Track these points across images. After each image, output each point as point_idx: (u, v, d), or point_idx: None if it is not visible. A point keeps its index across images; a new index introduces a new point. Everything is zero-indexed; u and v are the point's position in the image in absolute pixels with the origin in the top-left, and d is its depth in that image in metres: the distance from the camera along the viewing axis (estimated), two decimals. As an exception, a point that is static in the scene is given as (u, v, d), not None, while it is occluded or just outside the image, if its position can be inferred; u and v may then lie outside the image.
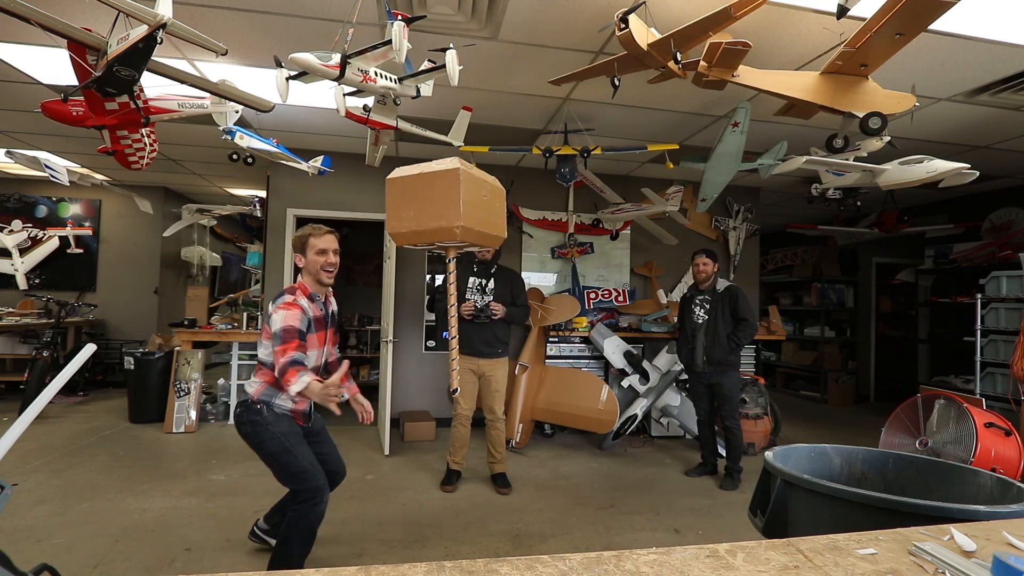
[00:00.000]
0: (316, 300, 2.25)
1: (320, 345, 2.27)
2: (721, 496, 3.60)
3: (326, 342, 2.32)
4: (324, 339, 2.30)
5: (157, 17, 2.02)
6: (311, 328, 2.18)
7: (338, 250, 2.29)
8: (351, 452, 4.30)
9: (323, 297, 2.32)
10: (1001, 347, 4.65)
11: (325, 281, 2.26)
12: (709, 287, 3.90)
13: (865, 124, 2.81)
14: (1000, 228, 5.80)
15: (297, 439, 2.21)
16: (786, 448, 1.82)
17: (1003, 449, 3.22)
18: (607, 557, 0.89)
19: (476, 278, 3.64)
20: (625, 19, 2.30)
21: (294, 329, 2.09)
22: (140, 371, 4.96)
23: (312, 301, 2.22)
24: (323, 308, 2.30)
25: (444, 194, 1.77)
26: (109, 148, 3.34)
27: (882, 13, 2.21)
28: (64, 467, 3.71)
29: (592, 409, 4.41)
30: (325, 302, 2.33)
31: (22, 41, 3.05)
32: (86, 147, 5.02)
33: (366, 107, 3.13)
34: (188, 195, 7.56)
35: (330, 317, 2.36)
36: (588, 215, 5.50)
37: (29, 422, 1.00)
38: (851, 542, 0.98)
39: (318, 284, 2.26)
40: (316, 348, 2.24)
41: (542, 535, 2.92)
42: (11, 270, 6.27)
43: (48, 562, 0.89)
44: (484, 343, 3.53)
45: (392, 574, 0.81)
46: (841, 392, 7.12)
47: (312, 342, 2.21)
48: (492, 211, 1.88)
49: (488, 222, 1.86)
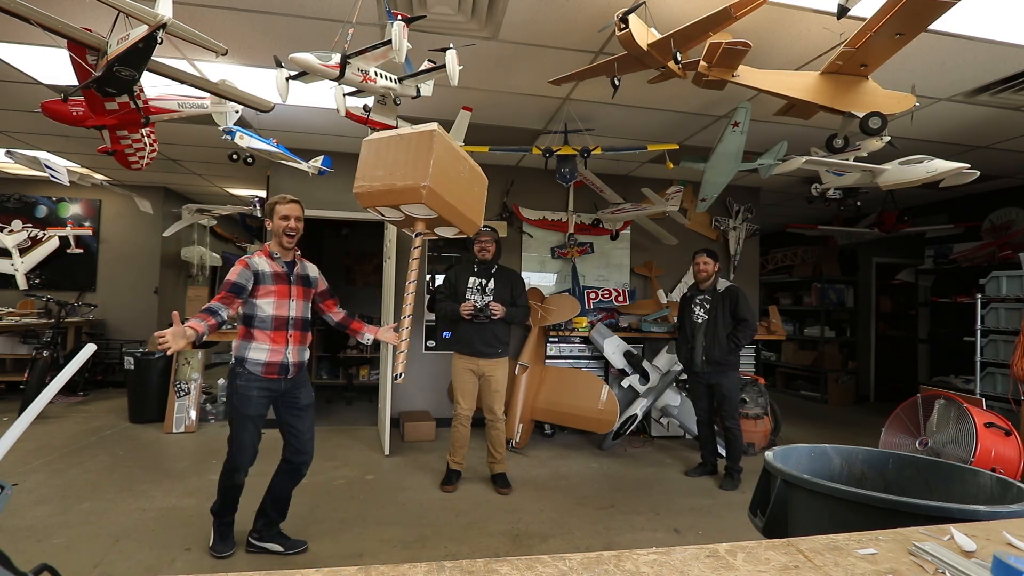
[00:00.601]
0: (276, 259, 2.52)
1: (282, 297, 2.49)
2: (721, 496, 3.60)
3: (291, 296, 2.52)
4: (288, 293, 2.51)
5: (157, 17, 2.02)
6: (261, 281, 2.45)
7: (300, 218, 2.54)
8: (351, 452, 4.30)
9: (289, 258, 2.56)
10: (1001, 347, 4.65)
11: (286, 244, 2.52)
12: (710, 287, 3.90)
13: (865, 124, 2.81)
14: (1000, 228, 5.80)
15: (256, 411, 2.47)
16: (786, 448, 1.82)
17: (1003, 449, 3.22)
18: (607, 557, 0.89)
19: (476, 278, 3.63)
20: (625, 19, 2.30)
21: (228, 282, 2.40)
22: (140, 371, 4.96)
23: (272, 259, 2.51)
24: (285, 267, 2.53)
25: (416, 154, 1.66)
26: (109, 148, 3.34)
27: (882, 13, 2.21)
28: (64, 467, 3.71)
29: (592, 409, 4.41)
30: (292, 263, 2.57)
31: (22, 41, 3.05)
32: (86, 147, 5.02)
33: (366, 107, 3.13)
34: (188, 195, 7.56)
35: (297, 277, 2.57)
36: (588, 215, 5.50)
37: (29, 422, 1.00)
38: (851, 542, 0.98)
39: (281, 247, 2.53)
40: (272, 298, 2.46)
41: (542, 535, 2.92)
42: (11, 270, 6.27)
43: (48, 562, 0.89)
44: (484, 343, 3.52)
45: (392, 574, 0.81)
46: (841, 392, 7.12)
47: (266, 293, 2.46)
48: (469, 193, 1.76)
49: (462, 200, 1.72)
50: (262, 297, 2.46)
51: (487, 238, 3.63)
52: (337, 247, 7.77)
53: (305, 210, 2.62)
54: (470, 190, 1.75)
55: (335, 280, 7.45)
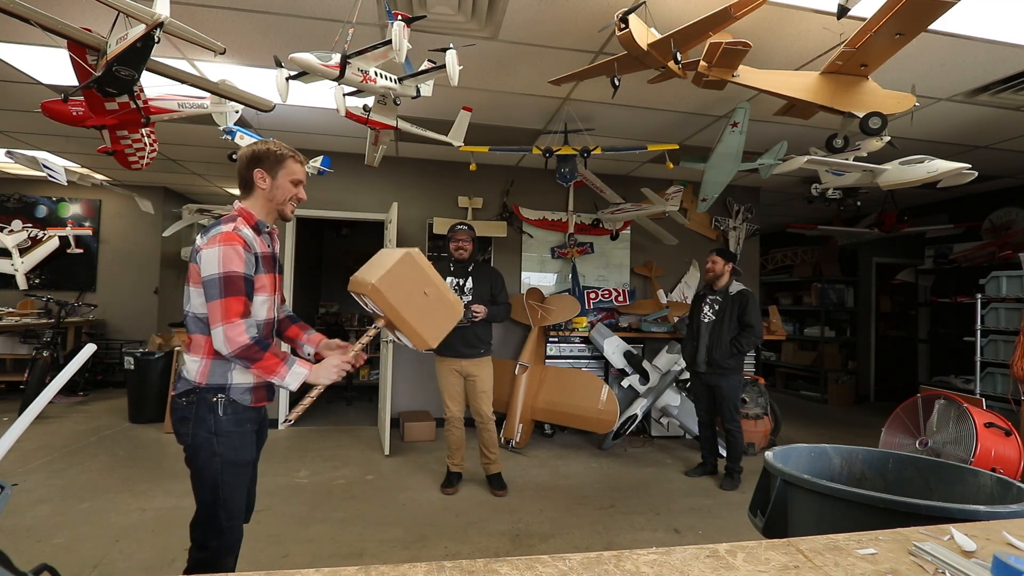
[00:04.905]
0: (263, 231, 1.74)
1: (272, 291, 1.78)
2: (721, 496, 3.60)
3: (276, 289, 1.82)
4: (274, 284, 1.79)
5: (155, 16, 2.02)
6: (259, 268, 1.69)
7: None
8: (351, 452, 4.30)
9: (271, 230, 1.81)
10: (1001, 347, 4.64)
11: (288, 216, 1.82)
12: (722, 288, 3.85)
13: (865, 124, 2.81)
14: (1000, 228, 5.80)
15: (252, 455, 1.77)
16: (786, 448, 1.82)
17: (1003, 449, 3.22)
18: (607, 557, 0.89)
19: (453, 278, 3.53)
20: (625, 19, 2.30)
21: (238, 277, 1.58)
22: (140, 371, 4.96)
23: (258, 233, 1.71)
24: (270, 245, 1.80)
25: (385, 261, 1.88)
26: (109, 148, 3.33)
27: (882, 13, 2.21)
28: (64, 467, 3.71)
29: (592, 409, 4.41)
30: (272, 237, 1.82)
31: (22, 41, 3.05)
32: (86, 147, 5.02)
33: (366, 107, 3.13)
34: (188, 195, 7.56)
35: (275, 258, 1.85)
36: (588, 215, 5.50)
37: (29, 422, 1.00)
38: (851, 542, 0.98)
39: (274, 216, 1.79)
40: (267, 294, 1.74)
41: (542, 535, 2.92)
42: (11, 270, 6.27)
43: (48, 562, 0.89)
44: (464, 344, 3.42)
45: (392, 574, 0.81)
46: (841, 392, 7.12)
47: (263, 285, 1.71)
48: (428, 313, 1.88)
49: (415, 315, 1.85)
50: (256, 293, 1.69)
51: (464, 236, 3.51)
52: (337, 247, 7.77)
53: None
54: (430, 311, 1.90)
55: (335, 280, 7.48)
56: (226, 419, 1.66)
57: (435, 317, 1.91)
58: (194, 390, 1.66)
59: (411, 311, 1.84)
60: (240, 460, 1.71)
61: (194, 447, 1.66)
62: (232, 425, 1.68)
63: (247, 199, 1.76)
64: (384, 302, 1.80)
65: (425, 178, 5.41)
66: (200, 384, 1.65)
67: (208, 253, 1.59)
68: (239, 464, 1.71)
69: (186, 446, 1.68)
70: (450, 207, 5.35)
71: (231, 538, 1.73)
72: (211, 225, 1.67)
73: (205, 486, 1.69)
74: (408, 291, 1.84)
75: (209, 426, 1.65)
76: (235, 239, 1.60)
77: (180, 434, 1.68)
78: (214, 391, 1.65)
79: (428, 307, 1.88)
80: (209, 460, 1.66)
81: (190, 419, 1.65)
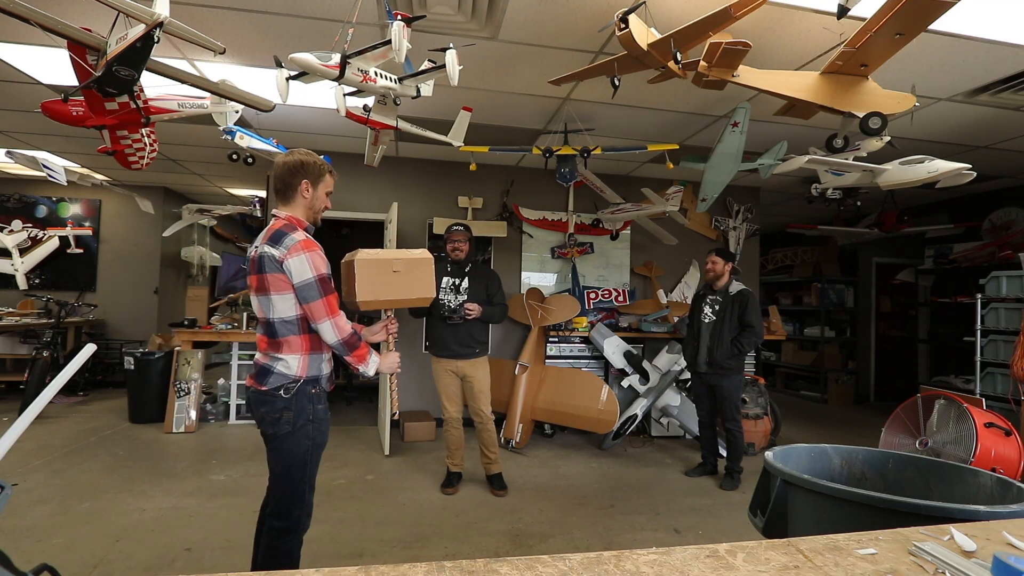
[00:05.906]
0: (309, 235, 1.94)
1: None
2: (721, 496, 3.60)
3: None
4: None
5: (154, 16, 2.02)
6: None
7: None
8: (351, 452, 4.30)
9: None
10: (1001, 347, 4.65)
11: (319, 223, 2.02)
12: (722, 288, 3.84)
13: (865, 124, 2.81)
14: (1000, 228, 5.80)
15: (320, 448, 1.96)
16: (786, 448, 1.82)
17: (1003, 449, 3.22)
18: (607, 557, 0.89)
19: (449, 277, 3.52)
20: (625, 19, 2.30)
21: (328, 277, 1.79)
22: (140, 371, 4.96)
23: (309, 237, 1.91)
24: None
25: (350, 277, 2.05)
26: (109, 148, 3.34)
27: (882, 13, 2.21)
28: (64, 467, 3.71)
29: (592, 409, 4.41)
30: None
31: (22, 41, 3.05)
32: (86, 147, 5.02)
33: (366, 107, 3.13)
34: (188, 195, 7.56)
35: None
36: (588, 215, 5.50)
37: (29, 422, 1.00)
38: (851, 542, 0.98)
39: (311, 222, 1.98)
40: None
41: (542, 535, 2.92)
42: (11, 270, 6.27)
43: (48, 562, 0.89)
44: (459, 344, 3.42)
45: (392, 574, 0.81)
46: (841, 392, 7.12)
47: None
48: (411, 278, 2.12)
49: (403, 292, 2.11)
50: None
51: (460, 237, 3.51)
52: (337, 247, 7.75)
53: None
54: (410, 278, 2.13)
55: (335, 280, 7.43)
56: (321, 408, 1.91)
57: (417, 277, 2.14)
58: (295, 382, 1.84)
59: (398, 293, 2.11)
60: (324, 442, 1.96)
61: (292, 434, 1.85)
62: (323, 413, 1.93)
63: (289, 206, 1.93)
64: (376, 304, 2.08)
65: (425, 178, 5.41)
66: (301, 377, 1.85)
67: (297, 261, 1.78)
68: (323, 446, 1.96)
69: (275, 434, 1.86)
70: (450, 207, 5.35)
71: (309, 505, 1.97)
72: (275, 234, 1.82)
73: (295, 465, 1.88)
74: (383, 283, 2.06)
75: (308, 414, 1.87)
76: (315, 245, 1.83)
77: (277, 422, 1.85)
78: (312, 383, 1.88)
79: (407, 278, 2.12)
80: (304, 443, 1.87)
81: (291, 409, 1.84)
